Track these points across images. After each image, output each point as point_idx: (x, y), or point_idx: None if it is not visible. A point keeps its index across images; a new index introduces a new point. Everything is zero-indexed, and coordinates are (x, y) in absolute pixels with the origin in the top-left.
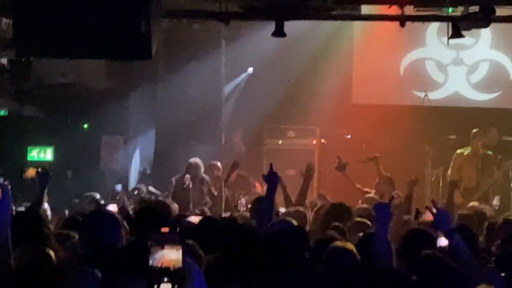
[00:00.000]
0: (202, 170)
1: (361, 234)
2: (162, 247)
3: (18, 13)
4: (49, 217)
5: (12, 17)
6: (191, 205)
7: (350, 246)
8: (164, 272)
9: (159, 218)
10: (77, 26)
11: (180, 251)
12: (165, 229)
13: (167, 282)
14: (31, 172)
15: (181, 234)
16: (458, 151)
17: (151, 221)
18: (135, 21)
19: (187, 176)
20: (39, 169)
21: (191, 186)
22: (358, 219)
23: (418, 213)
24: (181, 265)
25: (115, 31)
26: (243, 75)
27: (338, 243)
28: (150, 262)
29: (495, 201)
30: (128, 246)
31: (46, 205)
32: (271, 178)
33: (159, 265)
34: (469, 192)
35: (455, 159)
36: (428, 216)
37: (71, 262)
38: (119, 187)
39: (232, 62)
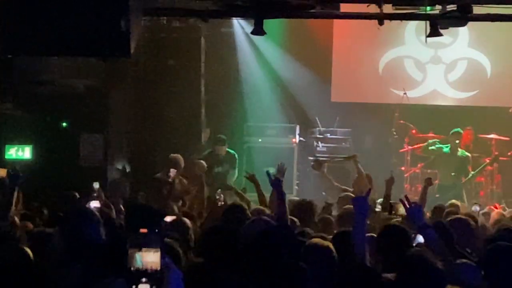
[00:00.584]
0: (182, 166)
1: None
2: (140, 249)
3: None
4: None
5: None
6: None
7: (328, 243)
8: (142, 273)
9: (151, 214)
10: (57, 24)
11: (158, 253)
12: (143, 230)
13: (145, 282)
14: (1, 173)
15: (160, 233)
16: (438, 145)
17: (142, 216)
18: (114, 19)
19: (173, 170)
20: (10, 170)
21: (176, 181)
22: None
23: (392, 207)
24: (159, 267)
25: (95, 29)
26: None
27: (316, 240)
28: (128, 264)
29: (474, 208)
30: (110, 243)
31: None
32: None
33: (137, 267)
34: (444, 189)
35: (436, 149)
36: (401, 210)
37: (49, 259)
38: (96, 185)
39: (212, 60)
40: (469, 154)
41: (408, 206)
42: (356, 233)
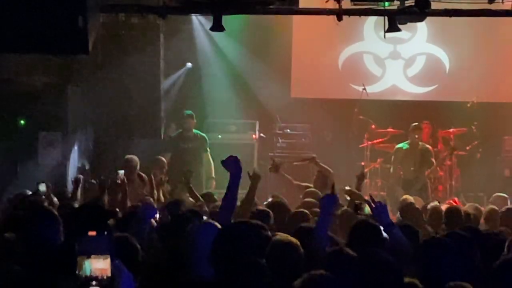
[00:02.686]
0: (138, 167)
1: None
2: (89, 256)
3: None
4: None
5: None
6: (128, 202)
7: (294, 239)
8: (92, 279)
9: (99, 214)
10: (14, 21)
11: (108, 260)
12: (92, 233)
13: (96, 285)
14: None
15: (110, 235)
16: (398, 145)
17: (90, 217)
18: (72, 16)
19: (121, 171)
20: None
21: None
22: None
23: (357, 207)
24: (109, 274)
25: (52, 26)
26: (182, 70)
27: (281, 236)
28: (77, 271)
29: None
30: (62, 245)
31: None
32: (231, 164)
33: (86, 274)
34: (409, 184)
35: (395, 153)
36: (366, 210)
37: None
38: (43, 187)
39: (171, 57)
40: (429, 147)
41: (373, 205)
42: (320, 229)
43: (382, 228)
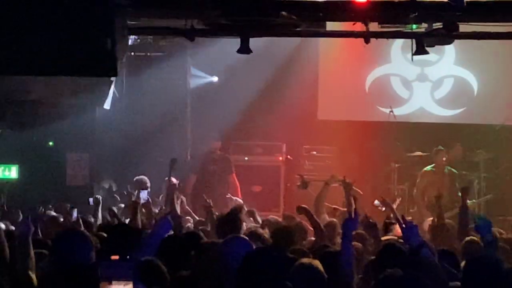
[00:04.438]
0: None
1: None
2: (110, 282)
3: None
4: None
5: None
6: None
7: (317, 263)
8: None
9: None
10: (43, 43)
11: (130, 286)
12: (115, 257)
13: None
14: None
15: (133, 260)
16: (424, 169)
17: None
18: (100, 39)
19: (146, 191)
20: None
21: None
22: None
23: (387, 227)
24: None
25: (81, 48)
26: (206, 81)
27: (305, 260)
28: None
29: None
30: (91, 267)
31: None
32: None
33: None
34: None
35: (421, 177)
36: (397, 230)
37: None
38: (74, 213)
39: (198, 78)
40: (455, 171)
41: (404, 225)
42: (343, 254)
43: (410, 248)
